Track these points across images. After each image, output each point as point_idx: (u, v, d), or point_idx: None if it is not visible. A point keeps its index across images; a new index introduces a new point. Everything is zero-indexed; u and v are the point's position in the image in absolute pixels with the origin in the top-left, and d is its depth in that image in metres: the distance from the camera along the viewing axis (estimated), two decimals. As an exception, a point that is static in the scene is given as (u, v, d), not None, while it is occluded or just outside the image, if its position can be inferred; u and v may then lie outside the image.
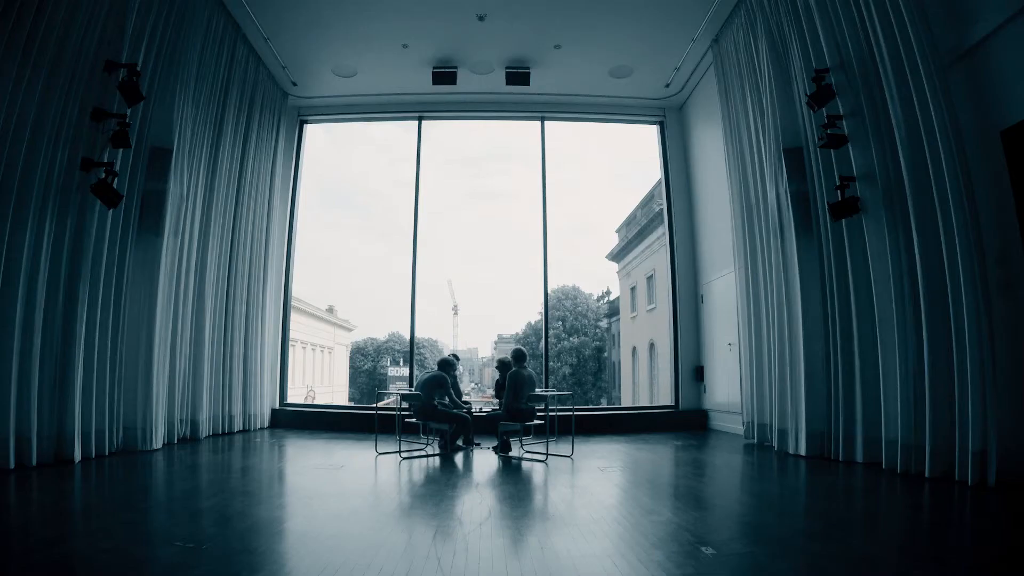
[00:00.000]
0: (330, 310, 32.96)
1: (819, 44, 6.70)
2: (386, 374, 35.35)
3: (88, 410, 6.27)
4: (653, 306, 24.85)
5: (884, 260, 5.99)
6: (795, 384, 7.16)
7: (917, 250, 5.58)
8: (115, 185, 6.11)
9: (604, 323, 34.89)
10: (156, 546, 3.52)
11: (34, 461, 5.64)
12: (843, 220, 6.48)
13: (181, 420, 8.05)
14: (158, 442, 7.27)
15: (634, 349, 28.57)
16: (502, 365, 8.21)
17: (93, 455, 6.34)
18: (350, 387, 34.95)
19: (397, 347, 36.20)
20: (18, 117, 5.26)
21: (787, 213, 7.26)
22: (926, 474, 5.44)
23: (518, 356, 7.72)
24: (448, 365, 8.22)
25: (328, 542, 3.67)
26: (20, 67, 5.30)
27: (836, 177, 6.49)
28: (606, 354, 34.47)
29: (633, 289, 29.17)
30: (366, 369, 36.37)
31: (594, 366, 34.36)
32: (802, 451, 6.93)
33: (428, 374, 7.94)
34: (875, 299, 6.16)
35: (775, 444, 7.50)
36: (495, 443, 7.87)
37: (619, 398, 31.76)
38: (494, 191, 45.64)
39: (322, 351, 31.49)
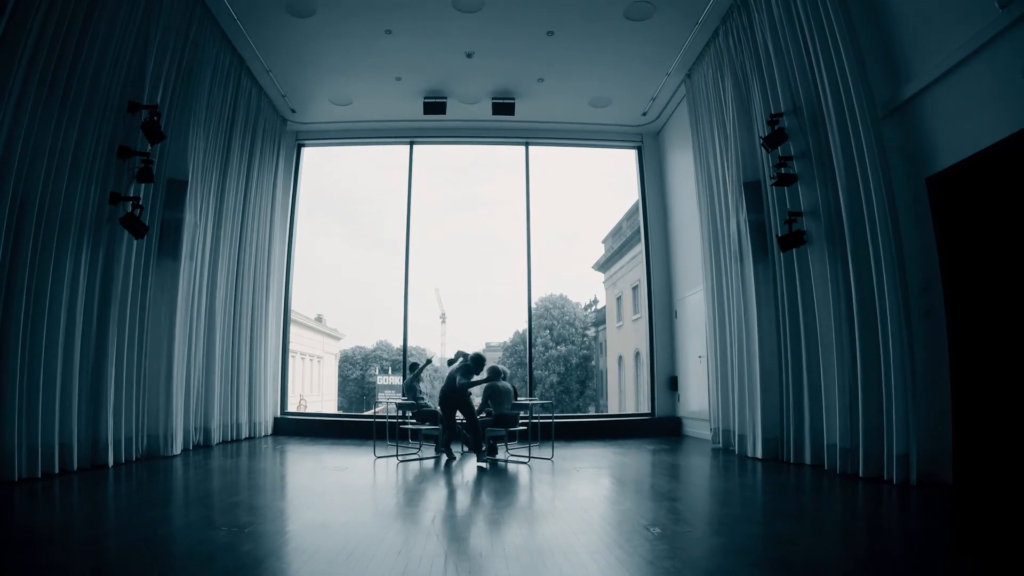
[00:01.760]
0: (319, 319, 33.37)
1: (776, 88, 7.48)
2: (375, 383, 35.74)
3: (119, 420, 6.94)
4: (638, 316, 25.57)
5: (825, 287, 6.76)
6: (752, 394, 7.97)
7: (852, 279, 6.32)
8: (140, 217, 6.85)
9: (591, 332, 35.52)
10: (207, 530, 4.26)
11: (75, 466, 6.27)
12: (792, 250, 7.29)
13: (196, 428, 8.75)
14: (177, 448, 7.96)
15: (620, 358, 29.33)
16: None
17: (123, 460, 7.01)
18: (339, 396, 35.32)
19: (385, 356, 36.61)
20: (59, 158, 5.92)
21: (746, 240, 8.08)
22: (860, 474, 6.14)
23: (494, 373, 8.44)
24: (479, 365, 8.50)
25: (342, 529, 4.41)
26: (59, 112, 5.95)
27: (786, 212, 7.29)
28: (593, 362, 35.13)
29: (619, 299, 29.95)
30: (354, 378, 36.72)
31: (582, 374, 34.94)
32: (759, 454, 7.72)
33: (459, 363, 8.45)
34: (818, 321, 6.93)
35: (736, 448, 8.32)
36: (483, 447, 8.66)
37: (606, 406, 32.47)
38: (481, 199, 46.39)
39: (312, 360, 31.92)
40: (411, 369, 9.69)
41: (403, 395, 9.64)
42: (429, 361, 10.46)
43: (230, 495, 5.64)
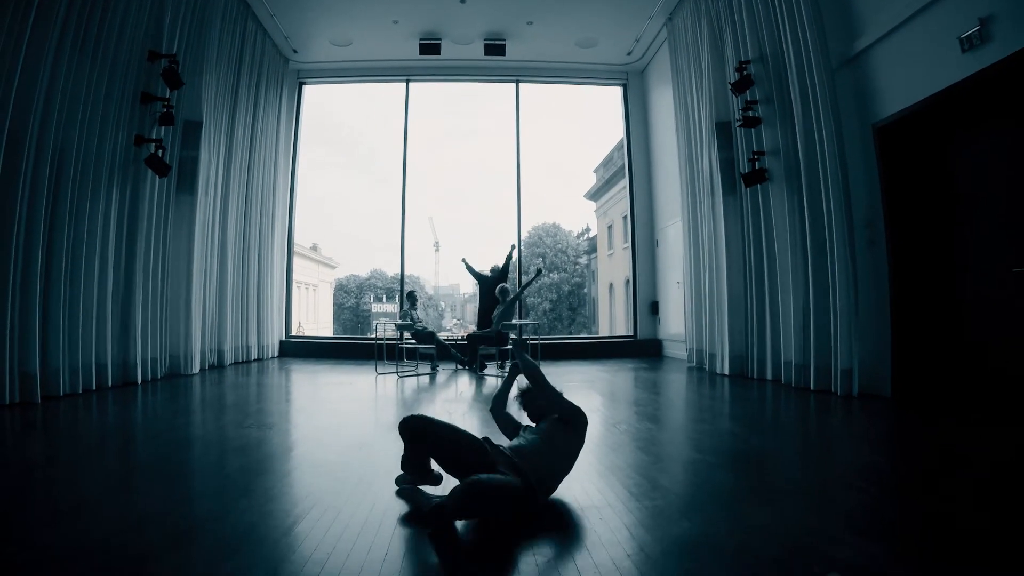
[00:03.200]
0: (314, 248, 33.70)
1: (745, 37, 8.00)
2: (369, 310, 36.37)
3: (145, 342, 7.67)
4: (628, 245, 26.19)
5: (784, 220, 7.44)
6: (721, 317, 8.78)
7: (807, 213, 6.98)
8: (163, 157, 7.42)
9: (584, 260, 36.11)
10: (239, 430, 5.05)
11: (109, 383, 7.02)
12: (757, 186, 7.93)
13: (211, 350, 9.54)
14: (195, 368, 8.74)
15: (611, 285, 30.08)
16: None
17: (149, 379, 7.76)
18: (334, 323, 35.92)
19: (379, 284, 37.06)
20: (91, 107, 6.46)
21: (717, 176, 8.73)
22: (811, 387, 6.90)
23: (503, 294, 9.78)
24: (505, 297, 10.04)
25: (353, 428, 5.30)
26: (91, 66, 6.47)
27: (751, 151, 7.92)
28: (585, 290, 35.84)
29: (610, 228, 30.46)
30: (349, 306, 37.17)
31: (574, 301, 35.64)
32: (726, 371, 8.56)
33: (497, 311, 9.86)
34: (777, 250, 7.63)
35: (708, 366, 9.16)
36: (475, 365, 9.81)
37: (597, 332, 33.35)
38: (474, 131, 46.31)
39: (308, 288, 32.46)
40: (408, 298, 10.51)
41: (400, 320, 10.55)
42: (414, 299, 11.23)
43: (251, 404, 6.46)
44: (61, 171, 5.98)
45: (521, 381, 3.93)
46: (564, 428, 3.50)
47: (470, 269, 11.05)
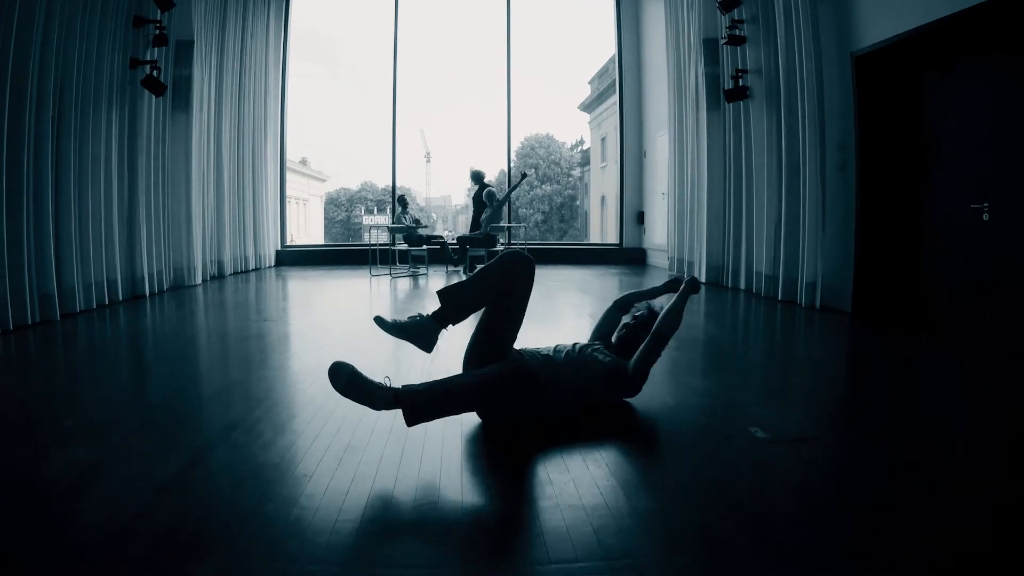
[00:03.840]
0: (303, 162, 33.54)
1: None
2: (360, 223, 36.48)
3: (151, 256, 8.02)
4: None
5: (762, 137, 7.71)
6: (700, 227, 9.23)
7: (784, 133, 7.24)
8: (158, 77, 7.61)
9: (577, 172, 36.06)
10: (250, 324, 5.77)
11: (120, 298, 7.37)
12: (739, 103, 8.19)
13: (211, 261, 9.95)
14: (198, 279, 9.15)
15: (603, 198, 30.15)
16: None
17: (156, 291, 8.15)
18: (325, 237, 36.12)
19: (370, 196, 36.99)
20: (88, 32, 6.53)
21: (702, 91, 8.97)
22: (779, 298, 7.36)
23: (489, 197, 10.68)
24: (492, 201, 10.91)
25: (354, 320, 6.04)
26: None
27: (734, 69, 8.12)
28: (578, 202, 35.95)
29: (603, 140, 30.27)
30: (340, 219, 37.19)
31: (566, 213, 35.80)
32: (703, 279, 9.08)
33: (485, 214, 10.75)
34: (754, 166, 7.96)
35: (686, 274, 9.62)
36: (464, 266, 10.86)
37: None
38: (465, 36, 45.21)
39: (298, 203, 32.47)
40: (399, 202, 11.07)
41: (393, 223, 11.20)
42: (405, 203, 11.78)
43: (255, 305, 7.08)
44: (63, 97, 6.15)
45: (657, 303, 3.58)
46: (606, 377, 3.17)
47: (490, 195, 11.23)
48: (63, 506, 2.18)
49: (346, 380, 2.66)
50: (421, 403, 2.68)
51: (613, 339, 3.46)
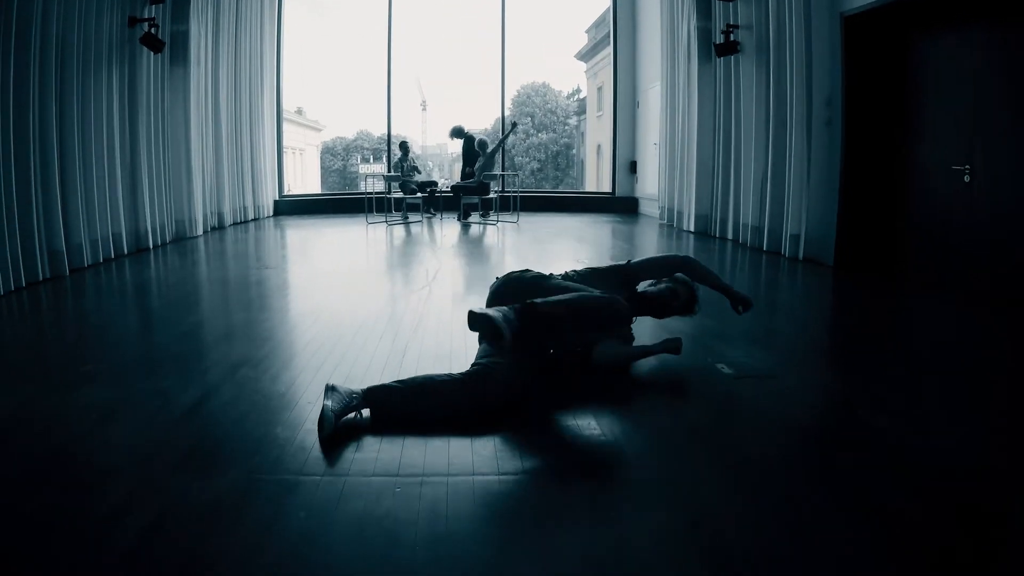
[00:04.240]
0: (299, 112, 33.21)
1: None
2: (357, 171, 36.34)
3: (153, 209, 8.21)
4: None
5: (751, 91, 7.84)
6: (690, 178, 9.43)
7: (772, 88, 7.35)
8: (156, 34, 7.69)
9: (573, 120, 35.82)
10: (254, 271, 6.22)
11: (125, 251, 7.55)
12: (730, 57, 8.30)
13: (211, 212, 10.12)
14: (199, 230, 9.35)
15: (599, 147, 30.03)
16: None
17: (159, 243, 8.35)
18: (322, 186, 36.03)
19: (366, 145, 36.75)
20: None
21: (694, 44, 9.06)
22: (764, 248, 7.56)
23: (482, 147, 11.05)
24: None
25: (354, 262, 6.46)
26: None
27: (725, 23, 8.19)
28: (574, 151, 35.80)
29: (600, 89, 30.04)
30: (336, 168, 37.01)
31: (562, 162, 35.68)
32: (692, 228, 9.33)
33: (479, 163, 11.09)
34: (743, 120, 8.11)
35: (675, 223, 9.89)
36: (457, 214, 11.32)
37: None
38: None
39: (294, 153, 32.27)
40: (400, 148, 11.28)
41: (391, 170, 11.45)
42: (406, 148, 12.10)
43: (257, 253, 7.41)
44: (64, 58, 6.24)
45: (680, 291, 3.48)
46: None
47: (482, 144, 11.46)
48: (92, 437, 2.48)
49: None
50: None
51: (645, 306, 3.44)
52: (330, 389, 2.55)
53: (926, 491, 2.04)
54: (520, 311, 2.59)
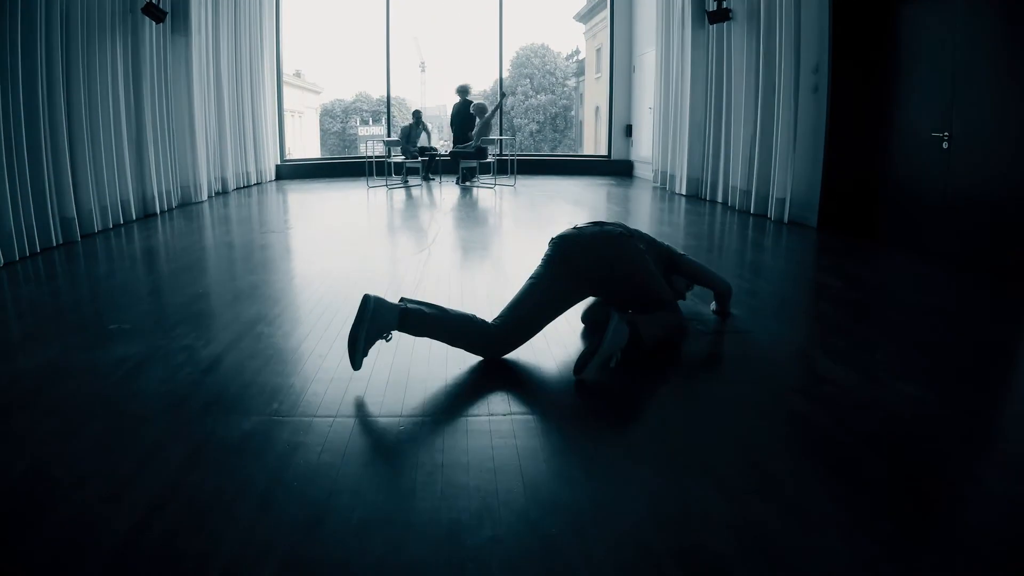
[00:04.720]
0: (297, 75, 32.99)
1: None
2: (356, 134, 36.24)
3: (159, 176, 8.41)
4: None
5: (742, 58, 7.99)
6: (682, 142, 9.66)
7: (762, 55, 7.51)
8: (159, 5, 7.84)
9: (572, 82, 35.65)
10: (260, 235, 6.46)
11: (133, 217, 7.78)
12: (722, 24, 8.44)
13: (215, 178, 10.30)
14: (204, 196, 9.55)
15: (597, 108, 29.98)
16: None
17: (166, 209, 8.58)
18: (321, 149, 35.97)
19: (365, 107, 36.58)
20: None
21: (688, 10, 9.20)
22: (751, 211, 7.81)
23: (480, 111, 11.28)
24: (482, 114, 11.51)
25: (356, 226, 6.73)
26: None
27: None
28: (573, 113, 35.68)
29: (598, 50, 29.88)
30: (335, 131, 36.92)
31: (560, 124, 35.59)
32: (683, 191, 9.57)
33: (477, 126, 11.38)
34: (734, 85, 8.28)
35: (668, 186, 10.11)
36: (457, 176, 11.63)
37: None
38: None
39: (294, 116, 32.15)
40: (413, 116, 11.50)
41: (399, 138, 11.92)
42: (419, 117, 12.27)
43: (262, 217, 7.67)
44: (69, 28, 6.39)
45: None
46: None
47: (481, 109, 11.67)
48: (125, 387, 2.78)
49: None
50: None
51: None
52: (368, 307, 2.75)
53: (869, 435, 2.33)
54: (632, 340, 2.90)
